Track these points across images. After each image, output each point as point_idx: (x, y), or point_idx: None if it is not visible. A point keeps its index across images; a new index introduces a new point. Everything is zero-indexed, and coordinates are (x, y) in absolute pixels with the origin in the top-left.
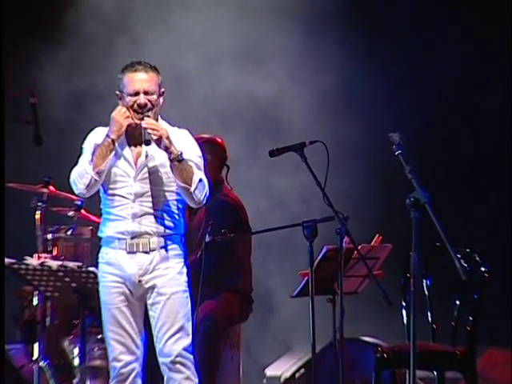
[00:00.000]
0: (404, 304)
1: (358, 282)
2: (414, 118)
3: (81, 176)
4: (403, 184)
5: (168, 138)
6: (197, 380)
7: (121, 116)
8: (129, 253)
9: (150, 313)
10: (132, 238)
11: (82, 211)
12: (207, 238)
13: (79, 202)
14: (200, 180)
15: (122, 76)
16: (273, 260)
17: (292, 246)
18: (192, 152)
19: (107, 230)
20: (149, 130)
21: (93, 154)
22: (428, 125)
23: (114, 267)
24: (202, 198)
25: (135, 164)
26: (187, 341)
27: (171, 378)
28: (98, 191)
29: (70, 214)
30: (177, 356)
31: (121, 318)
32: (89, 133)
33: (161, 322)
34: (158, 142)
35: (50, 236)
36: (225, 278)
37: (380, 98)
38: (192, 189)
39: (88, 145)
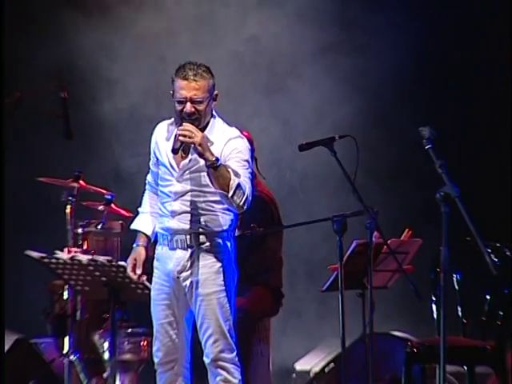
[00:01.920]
0: (434, 299)
1: (388, 276)
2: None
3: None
4: (434, 178)
5: (201, 144)
6: (236, 380)
7: None
8: (170, 249)
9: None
10: (172, 235)
11: (112, 205)
12: (237, 233)
13: (109, 197)
14: (238, 186)
15: (174, 79)
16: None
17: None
18: (234, 156)
19: (157, 226)
20: (180, 138)
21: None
22: (457, 113)
23: (160, 263)
24: (241, 204)
25: (178, 166)
26: (225, 342)
27: (211, 377)
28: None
29: (100, 208)
30: (214, 359)
31: (160, 316)
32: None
33: (199, 322)
34: (194, 148)
35: (80, 230)
36: (257, 272)
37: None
38: (229, 195)
39: (151, 146)
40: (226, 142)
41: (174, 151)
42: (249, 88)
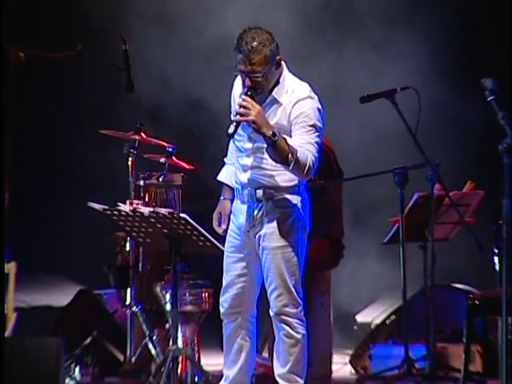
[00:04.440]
0: (496, 251)
1: (450, 228)
2: None
3: None
4: (496, 130)
5: (255, 122)
6: (299, 336)
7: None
8: (242, 203)
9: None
10: (243, 189)
11: (173, 158)
12: None
13: (170, 149)
14: (297, 159)
15: (234, 49)
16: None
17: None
18: (301, 120)
19: (234, 179)
20: (235, 118)
21: None
22: None
23: (234, 216)
24: (303, 174)
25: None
26: (289, 297)
27: (275, 331)
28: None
29: (162, 160)
30: (277, 313)
31: (230, 268)
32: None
33: (265, 275)
34: (250, 125)
35: (141, 183)
36: (317, 223)
37: None
38: (290, 168)
39: (231, 98)
40: (294, 103)
41: (230, 136)
42: None
